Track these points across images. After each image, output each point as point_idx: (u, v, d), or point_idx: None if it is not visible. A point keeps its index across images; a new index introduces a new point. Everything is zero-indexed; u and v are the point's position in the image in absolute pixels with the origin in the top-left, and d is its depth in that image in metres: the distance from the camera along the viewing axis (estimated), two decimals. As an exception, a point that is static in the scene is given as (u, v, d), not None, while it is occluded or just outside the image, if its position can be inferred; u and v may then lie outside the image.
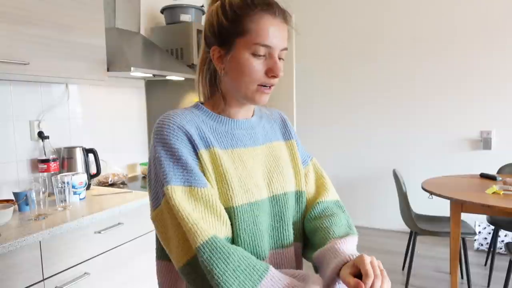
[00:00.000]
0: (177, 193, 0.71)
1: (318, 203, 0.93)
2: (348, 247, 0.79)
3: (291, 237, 0.88)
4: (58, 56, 1.75)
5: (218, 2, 0.81)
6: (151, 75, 2.32)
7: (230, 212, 0.76)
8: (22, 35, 1.59)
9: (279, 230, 0.85)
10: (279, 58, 0.80)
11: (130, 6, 2.46)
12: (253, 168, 0.83)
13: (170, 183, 0.72)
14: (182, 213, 0.70)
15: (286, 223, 0.86)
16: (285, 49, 0.80)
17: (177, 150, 0.74)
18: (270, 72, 0.78)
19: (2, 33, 1.51)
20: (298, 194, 0.91)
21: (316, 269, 0.88)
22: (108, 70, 2.06)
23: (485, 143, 3.34)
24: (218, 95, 0.84)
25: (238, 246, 0.77)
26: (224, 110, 0.85)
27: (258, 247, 0.80)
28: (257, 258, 0.79)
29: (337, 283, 0.75)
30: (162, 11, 2.81)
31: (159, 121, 0.78)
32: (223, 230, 0.73)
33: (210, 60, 0.83)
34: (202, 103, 0.87)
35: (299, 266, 0.90)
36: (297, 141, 0.99)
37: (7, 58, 1.52)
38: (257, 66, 0.77)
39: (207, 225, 0.71)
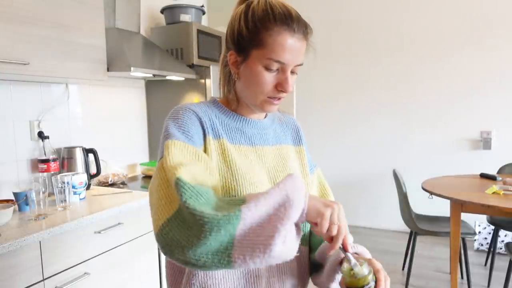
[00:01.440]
0: (180, 146, 0.73)
1: None
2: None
3: None
4: (58, 56, 1.75)
5: (243, 7, 0.81)
6: (151, 75, 2.32)
7: None
8: (22, 35, 1.59)
9: None
10: (293, 73, 0.81)
11: (130, 6, 2.46)
12: (258, 167, 0.84)
13: (174, 138, 0.74)
14: (170, 158, 0.69)
15: None
16: (300, 64, 0.81)
17: (185, 124, 0.78)
18: (280, 87, 0.80)
19: (2, 33, 1.51)
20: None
21: (312, 270, 0.91)
22: (108, 70, 2.06)
23: (485, 143, 3.34)
24: (232, 95, 0.87)
25: None
26: (237, 109, 0.88)
27: None
28: None
29: (338, 272, 0.79)
30: (162, 11, 2.81)
31: (175, 107, 0.83)
32: (211, 180, 0.72)
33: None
34: (217, 100, 0.90)
35: (302, 268, 0.90)
36: (306, 148, 1.01)
37: (7, 58, 1.52)
38: (268, 79, 0.79)
39: (204, 178, 0.69)
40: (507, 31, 3.22)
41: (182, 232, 0.62)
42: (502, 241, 3.18)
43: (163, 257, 2.03)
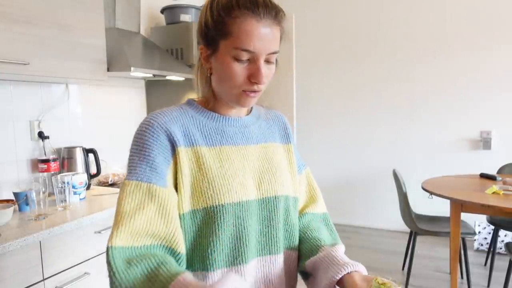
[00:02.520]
0: (131, 188, 0.70)
1: (305, 214, 0.93)
2: (342, 255, 0.80)
3: (281, 244, 0.84)
4: (58, 56, 1.75)
5: None
6: (151, 75, 2.32)
7: (210, 211, 0.74)
8: (22, 35, 1.59)
9: (267, 236, 0.82)
10: (269, 62, 0.76)
11: (130, 6, 2.46)
12: (242, 168, 0.80)
13: (128, 177, 0.72)
14: (121, 209, 0.69)
15: (275, 229, 0.82)
16: (274, 52, 0.75)
17: (148, 148, 0.73)
18: (252, 78, 0.74)
19: (2, 33, 1.51)
20: (294, 200, 0.88)
21: (304, 277, 0.88)
22: (108, 70, 2.06)
23: (485, 143, 3.34)
24: (209, 91, 0.83)
25: (218, 248, 0.74)
26: (216, 108, 0.83)
27: (240, 251, 0.77)
28: (237, 263, 0.76)
29: None
30: (162, 11, 2.81)
31: (142, 121, 0.78)
32: (167, 237, 0.70)
33: None
34: (194, 100, 0.86)
35: (290, 275, 0.87)
36: (295, 147, 0.96)
37: (7, 58, 1.52)
38: (239, 71, 0.74)
39: (151, 227, 0.68)
40: (507, 31, 3.22)
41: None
42: (502, 241, 3.18)
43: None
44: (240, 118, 0.86)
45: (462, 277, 2.77)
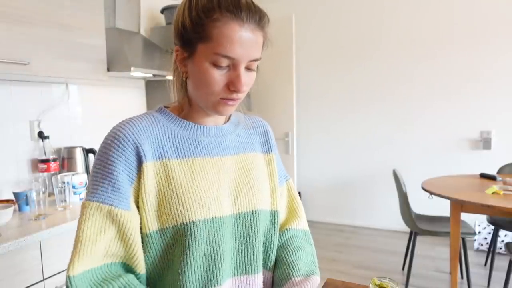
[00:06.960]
0: (92, 211, 0.66)
1: (287, 229, 0.89)
2: None
3: (259, 263, 0.79)
4: (58, 56, 1.75)
5: None
6: (151, 75, 2.32)
7: (181, 229, 0.69)
8: (22, 35, 1.59)
9: (243, 254, 0.77)
10: (249, 69, 0.71)
11: (130, 6, 2.46)
12: (217, 181, 0.75)
13: (89, 198, 0.68)
14: (82, 233, 0.65)
15: (252, 246, 0.78)
16: (256, 59, 0.71)
17: (111, 164, 0.68)
18: (231, 86, 0.70)
19: (2, 33, 1.51)
20: (273, 215, 0.83)
21: None
22: (108, 70, 2.06)
23: (485, 143, 3.34)
24: (184, 97, 0.78)
25: (189, 269, 0.70)
26: (190, 115, 0.78)
27: (214, 272, 0.72)
28: (211, 285, 0.72)
29: None
30: (162, 11, 2.81)
31: (110, 130, 0.73)
32: (127, 260, 0.69)
33: None
34: (166, 107, 0.81)
35: None
36: (277, 156, 0.91)
37: (7, 58, 1.52)
38: (218, 77, 0.69)
39: (110, 250, 0.67)
40: (507, 31, 3.22)
41: None
42: (502, 241, 3.18)
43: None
44: (217, 127, 0.80)
45: (462, 277, 2.77)
